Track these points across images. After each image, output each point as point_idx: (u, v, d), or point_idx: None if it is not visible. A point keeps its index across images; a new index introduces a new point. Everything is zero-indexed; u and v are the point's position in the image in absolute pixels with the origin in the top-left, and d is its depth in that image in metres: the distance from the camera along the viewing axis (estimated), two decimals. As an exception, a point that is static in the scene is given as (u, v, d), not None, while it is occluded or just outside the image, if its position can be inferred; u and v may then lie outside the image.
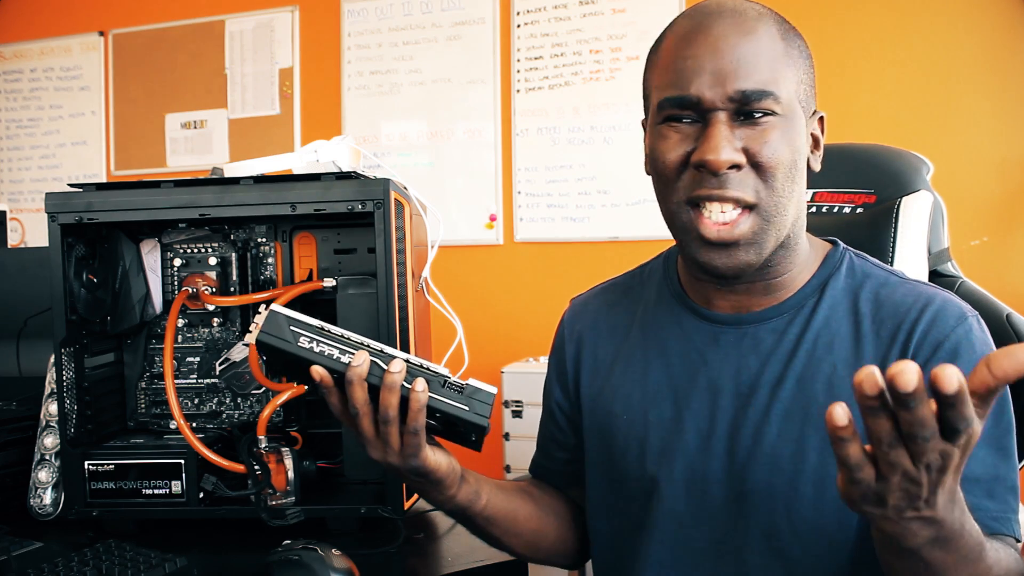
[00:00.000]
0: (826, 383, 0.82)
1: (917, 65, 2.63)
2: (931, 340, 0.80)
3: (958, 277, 1.21)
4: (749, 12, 0.80)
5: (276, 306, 0.78)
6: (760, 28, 0.79)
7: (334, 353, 0.75)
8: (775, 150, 0.78)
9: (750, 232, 0.79)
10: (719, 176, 0.78)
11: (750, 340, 0.86)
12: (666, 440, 0.88)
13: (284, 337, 0.76)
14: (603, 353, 0.97)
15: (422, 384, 0.74)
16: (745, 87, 0.77)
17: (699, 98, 0.78)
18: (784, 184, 0.79)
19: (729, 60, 0.77)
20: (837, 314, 0.85)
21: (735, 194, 0.78)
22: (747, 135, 0.78)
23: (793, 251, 0.86)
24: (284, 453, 1.14)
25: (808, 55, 0.83)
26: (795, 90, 0.80)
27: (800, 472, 0.82)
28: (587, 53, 2.94)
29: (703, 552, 0.87)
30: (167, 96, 3.48)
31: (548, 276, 3.00)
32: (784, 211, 0.80)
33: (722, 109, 0.77)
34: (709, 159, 0.77)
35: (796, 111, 0.80)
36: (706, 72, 0.77)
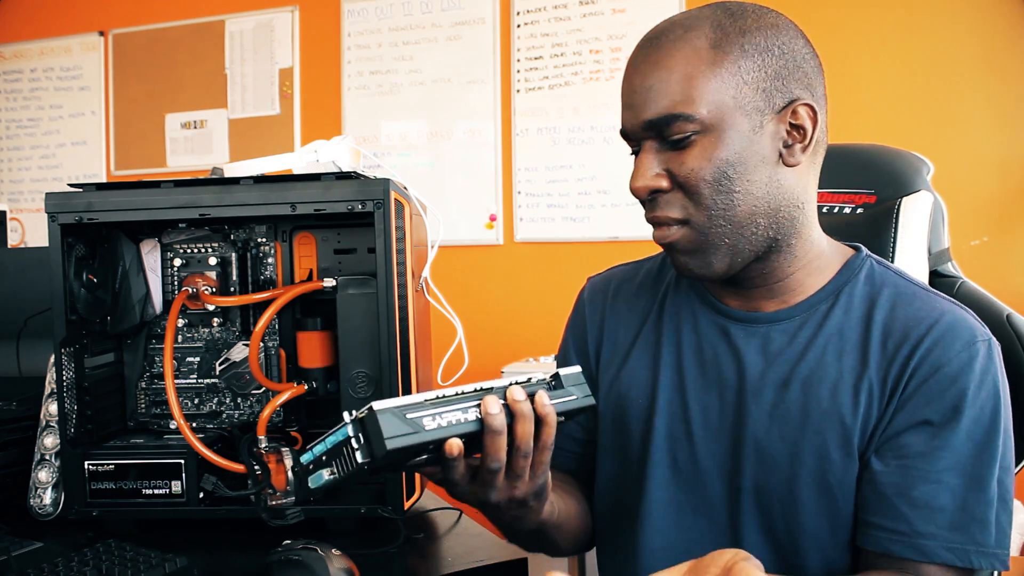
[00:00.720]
0: (831, 389, 0.82)
1: (917, 65, 2.63)
2: (931, 362, 0.79)
3: (958, 277, 1.21)
4: (672, 31, 0.81)
5: (377, 405, 0.67)
6: (676, 48, 0.79)
7: (461, 417, 0.70)
8: (691, 168, 0.80)
9: (684, 241, 0.83)
10: (649, 200, 0.83)
11: (760, 339, 0.87)
12: (671, 428, 0.89)
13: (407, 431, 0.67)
14: (623, 336, 0.97)
15: (546, 398, 0.73)
16: (650, 115, 0.80)
17: (624, 130, 0.84)
18: (714, 197, 0.80)
19: (639, 91, 0.81)
20: (851, 321, 0.84)
21: (661, 215, 0.83)
22: (670, 159, 0.81)
23: (790, 253, 0.85)
24: (284, 453, 1.14)
25: (763, 48, 0.79)
26: (729, 98, 0.78)
27: (797, 475, 0.82)
28: (587, 53, 2.94)
29: (701, 543, 0.87)
30: (167, 96, 3.48)
31: (548, 276, 3.00)
32: (725, 221, 0.80)
33: (645, 138, 0.82)
34: (631, 188, 0.83)
35: (730, 120, 0.78)
36: (625, 106, 0.83)
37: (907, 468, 0.78)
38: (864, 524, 0.80)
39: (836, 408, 0.81)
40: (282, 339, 1.26)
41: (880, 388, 0.81)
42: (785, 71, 0.80)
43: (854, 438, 0.81)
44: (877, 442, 0.80)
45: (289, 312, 1.26)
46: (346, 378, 1.16)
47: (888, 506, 0.78)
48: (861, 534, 0.81)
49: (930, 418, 0.78)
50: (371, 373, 1.15)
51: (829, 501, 0.81)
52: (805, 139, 0.82)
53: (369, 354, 1.15)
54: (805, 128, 0.81)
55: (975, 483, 0.78)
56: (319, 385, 1.22)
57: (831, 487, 0.81)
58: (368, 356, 1.15)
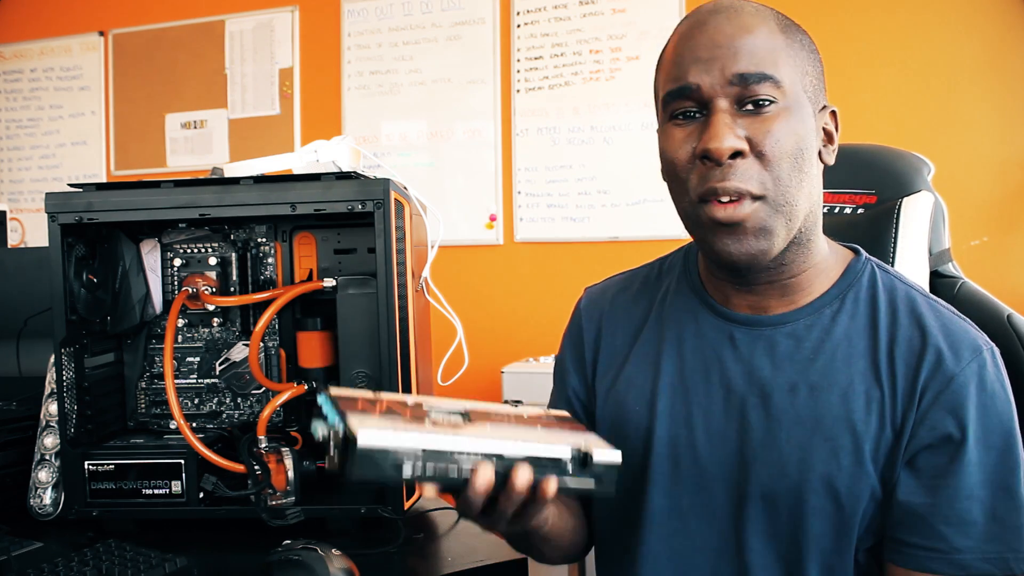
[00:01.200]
0: (841, 395, 0.82)
1: (918, 65, 2.63)
2: (944, 372, 0.79)
3: (959, 278, 1.21)
4: (747, 8, 0.81)
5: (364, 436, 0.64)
6: (757, 21, 0.79)
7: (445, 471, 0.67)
8: (778, 139, 0.77)
9: (755, 217, 0.78)
10: (723, 166, 0.77)
11: (765, 342, 0.86)
12: (673, 434, 0.88)
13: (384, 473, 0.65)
14: (620, 343, 0.97)
15: (553, 487, 0.70)
16: (743, 69, 0.77)
17: (697, 84, 0.78)
18: (791, 174, 0.78)
19: (726, 48, 0.78)
20: (857, 327, 0.84)
21: (739, 185, 0.77)
22: (749, 124, 0.77)
23: (807, 249, 0.85)
24: (284, 453, 1.14)
25: (813, 50, 0.83)
26: (799, 80, 0.80)
27: (806, 480, 0.81)
28: (587, 53, 2.94)
29: (704, 550, 0.87)
30: (167, 96, 3.48)
31: (548, 276, 3.00)
32: (793, 201, 0.79)
33: (722, 97, 0.78)
34: (711, 147, 0.76)
35: (801, 101, 0.79)
36: (703, 60, 0.78)
37: (937, 487, 0.78)
38: (898, 543, 0.80)
39: (847, 415, 0.81)
40: (282, 339, 1.26)
41: (891, 398, 0.81)
42: (823, 77, 0.84)
43: (865, 445, 0.80)
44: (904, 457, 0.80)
45: (289, 312, 1.26)
46: (346, 378, 1.16)
47: (924, 525, 0.78)
48: (896, 552, 0.80)
49: (951, 431, 0.78)
50: (371, 373, 1.15)
51: (836, 508, 0.81)
52: (833, 143, 0.85)
53: (369, 354, 1.14)
54: (832, 134, 0.85)
55: (1003, 491, 0.78)
56: (319, 385, 1.22)
57: (839, 494, 0.81)
58: (368, 356, 1.15)
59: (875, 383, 0.82)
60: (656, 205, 2.82)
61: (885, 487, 0.81)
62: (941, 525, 0.78)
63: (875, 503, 0.81)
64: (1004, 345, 1.01)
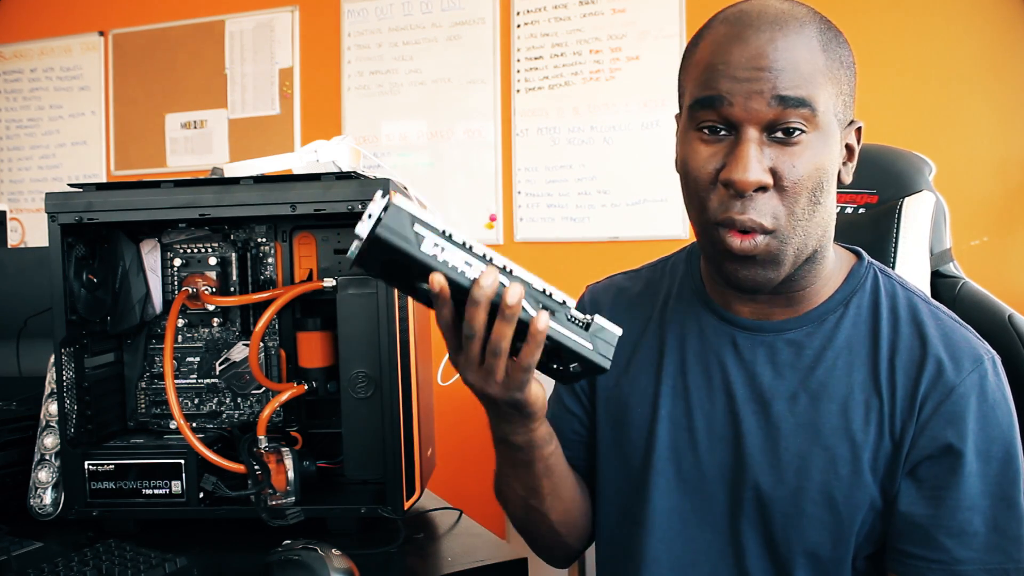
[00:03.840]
0: (841, 404, 0.82)
1: (918, 65, 2.63)
2: (944, 382, 0.79)
3: (960, 278, 1.21)
4: (791, 22, 0.77)
5: (398, 198, 0.67)
6: (801, 39, 0.76)
7: (459, 265, 0.68)
8: (801, 173, 0.75)
9: (766, 251, 0.78)
10: (744, 197, 0.76)
11: (767, 349, 0.86)
12: (674, 437, 0.88)
13: (406, 237, 0.66)
14: (622, 344, 0.96)
15: (545, 318, 0.68)
16: (783, 92, 0.74)
17: (731, 104, 0.75)
18: (806, 207, 0.77)
19: (766, 71, 0.74)
20: (859, 335, 0.84)
21: (755, 219, 0.76)
22: (777, 154, 0.75)
23: (818, 265, 0.84)
24: (284, 453, 1.14)
25: (851, 64, 0.80)
26: (832, 104, 0.77)
27: (803, 489, 0.81)
28: (587, 53, 2.94)
29: (704, 553, 0.87)
30: (167, 96, 3.47)
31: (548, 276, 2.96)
32: (804, 232, 0.78)
33: (754, 124, 0.75)
34: (736, 179, 0.75)
35: (831, 127, 0.77)
36: (740, 80, 0.75)
37: (938, 498, 0.78)
38: (900, 553, 0.80)
39: (846, 424, 0.81)
40: (282, 339, 1.26)
41: (891, 408, 0.81)
42: (854, 91, 0.81)
43: (864, 455, 0.80)
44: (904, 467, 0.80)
45: (289, 312, 1.26)
46: (346, 378, 1.16)
47: (925, 536, 0.79)
48: (897, 563, 0.81)
49: (952, 441, 0.78)
50: (371, 373, 1.15)
51: (833, 516, 0.81)
52: (853, 160, 0.83)
53: (369, 354, 1.14)
54: (854, 149, 0.83)
55: (1003, 501, 0.78)
56: (319, 385, 1.22)
57: (836, 503, 0.81)
58: (368, 356, 1.15)
59: (875, 393, 0.81)
60: (656, 205, 2.82)
61: (885, 497, 0.81)
62: (942, 536, 0.78)
63: (874, 512, 0.81)
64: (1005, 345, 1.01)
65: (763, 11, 0.78)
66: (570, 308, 0.71)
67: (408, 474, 1.14)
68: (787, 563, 0.83)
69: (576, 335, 0.71)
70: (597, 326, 0.72)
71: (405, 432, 1.14)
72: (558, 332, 0.71)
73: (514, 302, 0.68)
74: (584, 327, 0.71)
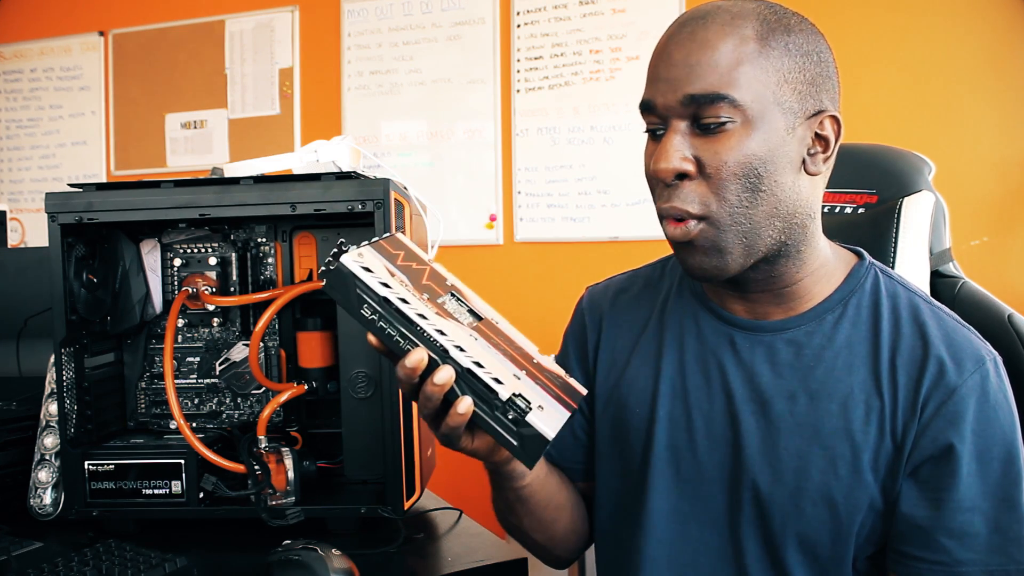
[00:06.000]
0: (841, 404, 0.82)
1: (918, 65, 2.63)
2: (946, 383, 0.79)
3: (960, 278, 1.21)
4: (720, 16, 0.78)
5: (348, 258, 0.71)
6: (725, 31, 0.76)
7: (394, 335, 0.71)
8: (726, 160, 0.76)
9: (701, 238, 0.79)
10: (669, 186, 0.78)
11: (765, 348, 0.86)
12: (673, 437, 0.88)
13: (348, 298, 0.71)
14: (621, 344, 0.96)
15: (464, 406, 0.71)
16: (693, 91, 0.76)
17: (654, 104, 0.79)
18: (740, 194, 0.77)
19: (680, 65, 0.77)
20: (859, 334, 0.84)
21: (679, 206, 0.78)
22: (701, 144, 0.77)
23: (799, 259, 0.83)
24: (284, 453, 1.14)
25: (807, 51, 0.79)
26: (770, 92, 0.76)
27: (802, 489, 0.81)
28: (587, 53, 2.94)
29: (704, 553, 0.87)
30: (167, 96, 3.47)
31: (548, 276, 3.00)
32: (747, 220, 0.78)
33: (678, 118, 0.78)
34: (654, 169, 0.78)
35: (768, 115, 0.76)
36: (661, 79, 0.78)
37: (939, 500, 0.78)
38: (901, 555, 0.80)
39: (846, 424, 0.81)
40: (282, 339, 1.26)
41: (892, 408, 0.80)
42: (819, 79, 0.80)
43: (864, 455, 0.80)
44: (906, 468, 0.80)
45: (289, 312, 1.26)
46: (346, 378, 1.16)
47: (927, 538, 0.78)
48: (899, 564, 0.80)
49: (953, 442, 0.78)
50: (371, 373, 1.15)
51: (832, 516, 0.81)
52: (828, 150, 0.82)
53: (369, 354, 1.14)
54: (829, 140, 0.81)
55: (1005, 502, 0.78)
56: (319, 385, 1.22)
57: (836, 503, 0.81)
58: (368, 356, 1.15)
59: (875, 393, 0.81)
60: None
61: (886, 498, 0.81)
62: (943, 538, 0.78)
63: (874, 513, 0.81)
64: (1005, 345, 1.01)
65: (696, 10, 0.80)
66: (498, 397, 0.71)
67: (408, 474, 1.14)
68: (786, 562, 0.83)
69: (502, 429, 0.71)
70: (528, 429, 0.70)
71: (405, 432, 1.14)
72: (484, 421, 0.72)
73: (440, 382, 0.71)
74: (515, 422, 0.71)
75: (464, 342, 0.72)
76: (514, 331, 0.77)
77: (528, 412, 0.71)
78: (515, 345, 0.76)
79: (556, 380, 0.75)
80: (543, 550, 0.99)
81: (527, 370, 0.74)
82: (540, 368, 0.75)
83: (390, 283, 0.72)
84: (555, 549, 0.98)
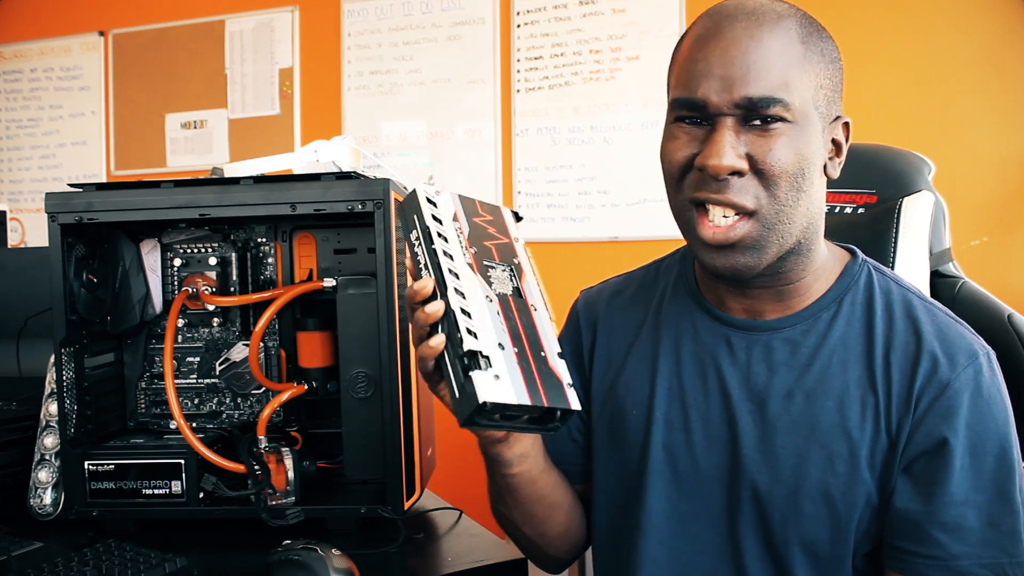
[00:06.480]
0: (838, 401, 0.82)
1: (918, 65, 2.63)
2: (939, 378, 0.79)
3: (960, 278, 1.21)
4: (768, 14, 0.79)
5: (422, 187, 0.80)
6: (776, 32, 0.77)
7: (420, 259, 0.77)
8: (779, 158, 0.77)
9: (747, 236, 0.79)
10: (720, 181, 0.78)
11: (762, 347, 0.86)
12: (670, 438, 0.88)
13: (406, 218, 0.80)
14: (616, 346, 0.96)
15: (436, 340, 0.74)
16: (752, 93, 0.76)
17: (705, 102, 0.78)
18: (788, 193, 0.78)
19: (738, 66, 0.76)
20: (853, 332, 0.84)
21: (734, 199, 0.78)
22: (752, 141, 0.77)
23: (806, 258, 0.84)
24: (284, 453, 1.14)
25: (834, 58, 0.82)
26: (811, 96, 0.78)
27: (800, 487, 0.81)
28: (587, 53, 2.94)
29: (703, 553, 0.87)
30: (167, 96, 3.47)
31: (548, 276, 2.98)
32: (788, 219, 0.79)
33: (729, 115, 0.77)
34: (710, 164, 0.77)
35: (810, 117, 0.78)
36: (714, 77, 0.77)
37: (933, 494, 0.78)
38: (896, 550, 0.80)
39: (843, 421, 0.81)
40: (282, 339, 1.26)
41: (887, 404, 0.81)
42: (839, 85, 0.83)
43: (861, 452, 0.80)
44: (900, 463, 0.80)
45: (289, 312, 1.26)
46: (346, 378, 1.16)
47: (921, 533, 0.78)
48: (894, 560, 0.81)
49: (946, 436, 0.78)
50: (371, 373, 1.15)
51: (830, 513, 0.81)
52: (840, 155, 0.84)
53: (369, 354, 1.14)
54: (841, 144, 0.84)
55: (999, 496, 0.78)
56: (319, 385, 1.22)
57: (834, 500, 0.81)
58: (368, 356, 1.15)
59: (870, 389, 0.81)
60: (656, 205, 2.82)
61: (883, 494, 0.81)
62: (937, 532, 0.78)
63: (871, 509, 0.81)
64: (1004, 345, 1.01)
65: (741, 5, 0.80)
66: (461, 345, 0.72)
67: (408, 474, 1.14)
68: (785, 561, 0.83)
69: (453, 378, 0.73)
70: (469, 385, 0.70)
71: (405, 432, 1.14)
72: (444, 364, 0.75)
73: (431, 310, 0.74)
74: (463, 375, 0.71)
75: (470, 294, 0.75)
76: (547, 326, 0.80)
77: (474, 369, 0.70)
78: (532, 332, 0.77)
79: (549, 377, 0.75)
80: (534, 547, 0.98)
81: (522, 352, 0.75)
82: (541, 360, 0.75)
83: (444, 223, 0.79)
84: (546, 548, 0.98)
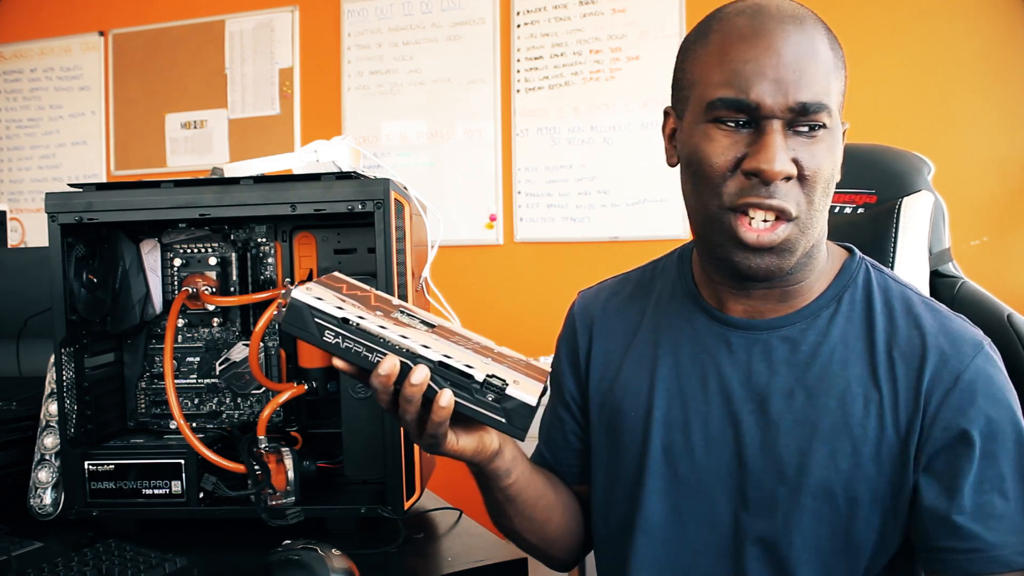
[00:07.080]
0: (839, 399, 0.82)
1: (918, 65, 2.63)
2: (950, 370, 0.79)
3: (959, 278, 1.21)
4: (807, 18, 0.79)
5: (298, 292, 0.74)
6: (815, 36, 0.78)
7: (361, 351, 0.73)
8: (820, 164, 0.78)
9: (786, 239, 0.79)
10: (768, 186, 0.77)
11: (761, 347, 0.86)
12: (669, 439, 0.88)
13: (308, 330, 0.74)
14: (614, 348, 0.96)
15: (447, 399, 0.72)
16: (805, 99, 0.76)
17: (759, 104, 0.76)
18: (820, 198, 0.79)
19: (792, 69, 0.76)
20: (853, 329, 0.84)
21: (781, 204, 0.77)
22: (799, 146, 0.77)
23: (813, 259, 0.85)
24: (284, 453, 1.14)
25: (845, 65, 0.83)
26: (838, 102, 0.80)
27: (803, 485, 0.81)
28: (587, 53, 2.94)
29: (703, 554, 0.86)
30: (167, 96, 3.47)
31: (548, 276, 3.00)
32: (816, 223, 0.81)
33: (779, 118, 0.76)
34: (765, 169, 0.76)
35: (837, 123, 0.80)
36: (767, 79, 0.76)
37: (961, 487, 0.78)
38: (934, 551, 0.79)
39: (845, 419, 0.81)
40: (282, 339, 1.26)
41: (892, 400, 0.80)
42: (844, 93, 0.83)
43: (864, 448, 0.80)
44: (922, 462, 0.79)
45: (289, 312, 1.26)
46: (346, 378, 1.16)
47: (955, 528, 0.78)
48: (935, 561, 0.80)
49: (967, 427, 0.78)
50: (371, 373, 1.15)
51: (832, 510, 0.81)
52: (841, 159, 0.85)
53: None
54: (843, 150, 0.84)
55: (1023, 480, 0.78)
56: (319, 385, 1.22)
57: (836, 496, 0.81)
58: (368, 356, 1.15)
59: (873, 386, 0.81)
60: (656, 205, 2.82)
61: (896, 492, 0.80)
62: (971, 523, 0.77)
63: (879, 507, 0.81)
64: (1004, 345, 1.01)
65: (780, 7, 0.79)
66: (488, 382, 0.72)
67: (408, 474, 1.14)
68: (787, 560, 0.83)
69: (487, 410, 0.73)
70: (512, 402, 0.72)
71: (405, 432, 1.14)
72: (467, 408, 0.73)
73: (418, 381, 0.72)
74: (497, 400, 0.73)
75: (428, 342, 0.74)
76: (469, 332, 0.80)
77: (507, 387, 0.73)
78: (473, 341, 0.79)
79: (520, 362, 0.78)
80: (540, 551, 0.99)
81: (491, 357, 0.76)
82: (503, 355, 0.78)
83: (343, 306, 0.75)
84: (550, 550, 0.98)
